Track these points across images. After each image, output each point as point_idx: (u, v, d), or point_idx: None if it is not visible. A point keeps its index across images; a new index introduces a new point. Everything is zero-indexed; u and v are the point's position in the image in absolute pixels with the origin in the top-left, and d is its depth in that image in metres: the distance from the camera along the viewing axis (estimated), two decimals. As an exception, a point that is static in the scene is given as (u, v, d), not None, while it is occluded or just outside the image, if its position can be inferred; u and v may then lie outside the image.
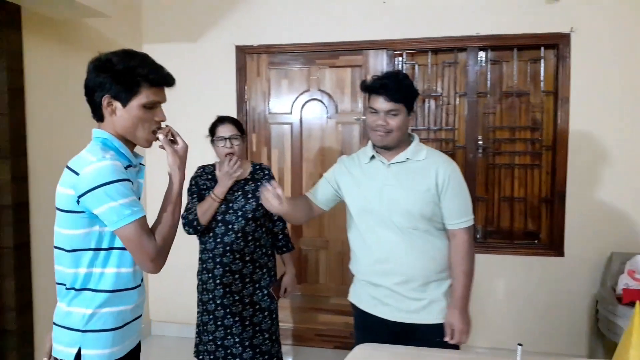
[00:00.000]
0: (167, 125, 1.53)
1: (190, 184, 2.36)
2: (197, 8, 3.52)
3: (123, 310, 1.48)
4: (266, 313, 2.39)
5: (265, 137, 3.53)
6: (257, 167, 2.45)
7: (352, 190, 2.01)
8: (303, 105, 3.48)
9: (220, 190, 2.26)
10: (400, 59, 3.37)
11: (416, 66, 3.35)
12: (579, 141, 3.08)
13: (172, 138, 1.54)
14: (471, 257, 1.93)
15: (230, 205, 2.31)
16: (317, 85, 3.45)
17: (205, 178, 2.36)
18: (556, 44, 3.10)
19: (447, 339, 1.86)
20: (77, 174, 1.37)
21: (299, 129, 3.49)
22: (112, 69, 1.42)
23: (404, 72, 1.94)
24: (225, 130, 2.30)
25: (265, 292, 2.39)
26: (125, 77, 1.42)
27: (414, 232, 1.88)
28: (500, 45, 3.19)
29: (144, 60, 1.47)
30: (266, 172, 2.44)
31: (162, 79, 1.48)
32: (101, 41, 3.11)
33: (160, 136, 1.50)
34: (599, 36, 3.02)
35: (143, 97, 1.44)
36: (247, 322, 2.34)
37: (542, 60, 3.16)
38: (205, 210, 2.25)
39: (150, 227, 1.47)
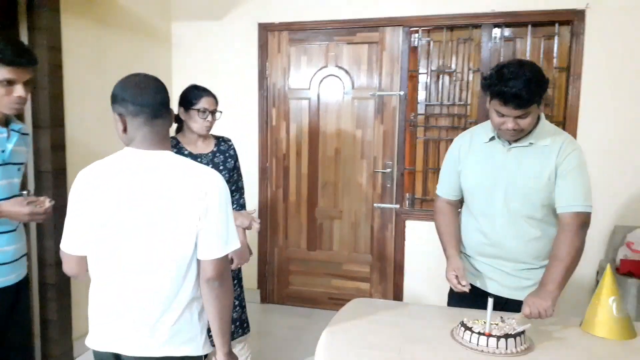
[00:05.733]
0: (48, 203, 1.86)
1: None
2: (221, -13, 3.67)
3: None
4: (235, 281, 2.33)
5: (284, 112, 3.70)
6: (220, 139, 2.35)
7: (470, 167, 1.88)
8: (321, 81, 3.61)
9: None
10: (416, 35, 3.46)
11: (431, 42, 3.43)
12: (589, 117, 3.12)
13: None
14: (575, 248, 1.70)
15: None
16: (335, 61, 3.57)
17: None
18: (571, 21, 3.12)
19: (526, 313, 1.66)
20: None
21: (317, 104, 3.64)
22: None
23: (530, 63, 1.69)
24: (210, 103, 2.20)
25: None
26: None
27: (529, 221, 1.77)
28: (515, 22, 3.23)
29: (3, 42, 1.66)
30: (230, 144, 2.36)
31: (13, 59, 1.65)
32: (132, 19, 3.23)
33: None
34: (614, 13, 3.03)
35: None
36: None
37: (556, 37, 3.20)
38: None
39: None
